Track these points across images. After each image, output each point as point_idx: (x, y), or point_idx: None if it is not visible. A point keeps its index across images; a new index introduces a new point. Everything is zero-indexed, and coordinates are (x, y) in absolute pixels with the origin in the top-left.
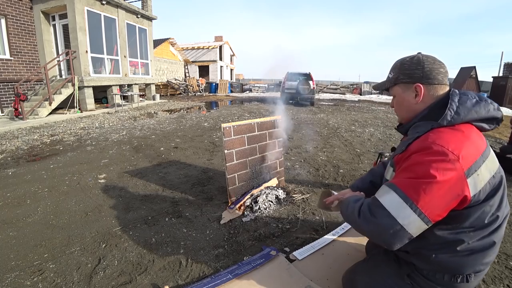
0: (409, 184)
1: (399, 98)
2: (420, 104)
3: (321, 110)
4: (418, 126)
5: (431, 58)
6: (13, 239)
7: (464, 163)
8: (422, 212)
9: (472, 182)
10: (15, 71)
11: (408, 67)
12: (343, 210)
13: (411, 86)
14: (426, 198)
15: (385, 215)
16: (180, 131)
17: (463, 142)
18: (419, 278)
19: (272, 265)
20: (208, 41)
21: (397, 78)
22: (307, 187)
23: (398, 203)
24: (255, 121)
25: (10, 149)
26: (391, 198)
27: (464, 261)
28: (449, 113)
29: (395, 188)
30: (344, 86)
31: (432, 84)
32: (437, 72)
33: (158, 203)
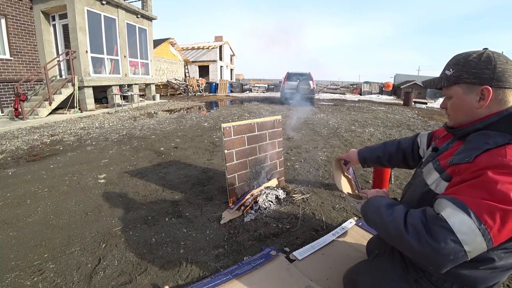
0: (484, 208)
1: (457, 100)
2: (484, 109)
3: (321, 110)
4: (487, 136)
5: (503, 57)
6: (13, 239)
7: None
8: (491, 240)
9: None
10: (15, 71)
11: (475, 65)
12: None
13: (477, 88)
14: (501, 227)
15: (450, 239)
16: (180, 131)
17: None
18: (426, 284)
19: (272, 265)
20: (208, 41)
21: (459, 77)
22: (307, 187)
23: (470, 229)
24: (255, 121)
25: (10, 149)
26: (462, 220)
27: (481, 277)
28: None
29: (466, 209)
30: (344, 86)
31: (502, 88)
32: (509, 74)
33: (158, 203)
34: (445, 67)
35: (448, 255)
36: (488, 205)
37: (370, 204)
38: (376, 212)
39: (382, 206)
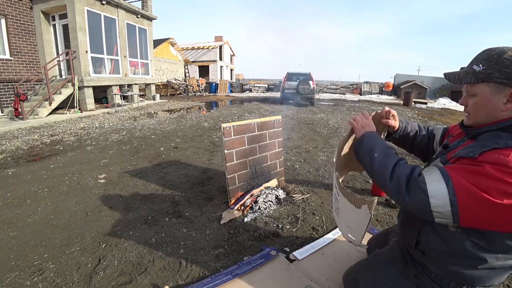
0: (465, 188)
1: (483, 100)
2: (508, 112)
3: (321, 110)
4: (499, 137)
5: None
6: (13, 239)
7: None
8: (458, 214)
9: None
10: (15, 71)
11: (510, 64)
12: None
13: (507, 90)
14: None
15: (421, 198)
16: (180, 131)
17: None
18: (426, 280)
19: (272, 265)
20: (208, 41)
21: (490, 75)
22: (307, 187)
23: (443, 197)
24: (255, 121)
25: (10, 149)
26: (439, 189)
27: (478, 277)
28: None
29: (448, 180)
30: (344, 86)
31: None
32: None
33: (158, 203)
34: (473, 61)
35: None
36: (469, 187)
37: (364, 145)
38: (368, 154)
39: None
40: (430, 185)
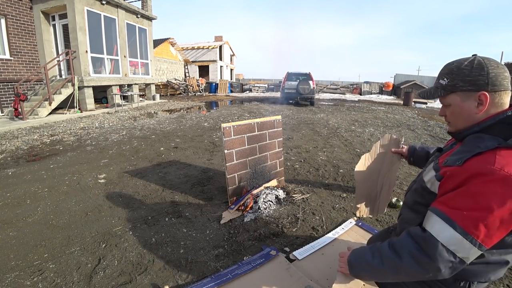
0: (469, 220)
1: (456, 108)
2: (483, 113)
3: (321, 110)
4: (481, 138)
5: (494, 62)
6: (13, 239)
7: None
8: (482, 245)
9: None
10: (15, 71)
11: (469, 73)
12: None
13: (474, 95)
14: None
15: (444, 252)
16: (180, 131)
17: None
18: None
19: (272, 265)
20: (208, 41)
21: (455, 86)
22: (307, 187)
23: (458, 240)
24: (255, 121)
25: (10, 149)
26: (450, 235)
27: (474, 272)
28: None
29: (453, 224)
30: (344, 86)
31: (497, 91)
32: (502, 78)
33: (158, 203)
34: (439, 77)
35: (447, 266)
36: (471, 215)
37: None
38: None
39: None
40: (439, 236)
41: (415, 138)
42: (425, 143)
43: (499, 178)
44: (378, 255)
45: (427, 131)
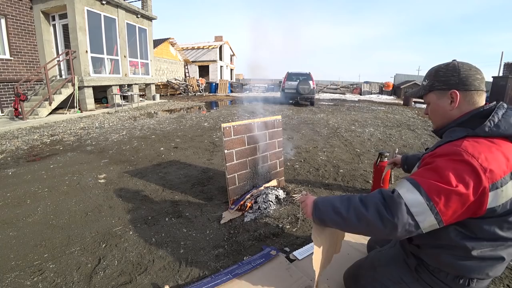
0: (433, 187)
1: (434, 105)
2: (456, 110)
3: (321, 110)
4: (454, 131)
5: (467, 65)
6: (13, 239)
7: (491, 177)
8: (439, 215)
9: (493, 196)
10: (15, 71)
11: (443, 74)
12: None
13: (447, 93)
14: (446, 204)
15: (405, 212)
16: (180, 131)
17: (496, 155)
18: (425, 273)
19: (272, 264)
20: (208, 41)
21: (432, 85)
22: (307, 187)
23: (420, 203)
24: (255, 121)
25: (10, 149)
26: (415, 197)
27: (470, 267)
28: (489, 124)
29: (419, 188)
30: (344, 86)
31: (468, 90)
32: (473, 79)
33: (158, 203)
34: (423, 79)
35: (404, 227)
36: (436, 185)
37: (321, 208)
38: (333, 213)
39: (335, 205)
40: (405, 196)
41: (415, 138)
42: (425, 143)
43: (465, 160)
44: (346, 203)
45: (427, 131)
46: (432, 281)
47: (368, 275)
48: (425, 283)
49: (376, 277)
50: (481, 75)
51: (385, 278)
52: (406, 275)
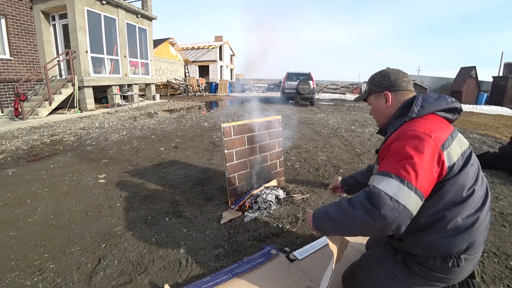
0: (398, 166)
1: (373, 106)
2: (390, 108)
3: (321, 110)
4: (394, 124)
5: (396, 71)
6: (13, 239)
7: (437, 140)
8: (417, 188)
9: (446, 155)
10: (15, 71)
11: (378, 79)
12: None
13: (381, 94)
14: (416, 174)
15: (387, 200)
16: (180, 131)
17: (432, 125)
18: (414, 265)
19: (272, 264)
20: (208, 41)
21: (370, 89)
22: (307, 187)
23: (396, 185)
24: (255, 121)
25: (10, 149)
26: (389, 183)
27: (451, 241)
28: (416, 107)
29: (388, 174)
30: (344, 86)
31: (397, 91)
32: (401, 81)
33: (158, 203)
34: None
35: (392, 214)
36: (399, 164)
37: (317, 217)
38: (326, 218)
39: (328, 210)
40: (380, 185)
41: None
42: None
43: (411, 135)
44: (336, 206)
45: None
46: (423, 272)
47: (363, 274)
48: (417, 275)
49: (371, 275)
50: (408, 78)
51: (379, 276)
52: (398, 270)
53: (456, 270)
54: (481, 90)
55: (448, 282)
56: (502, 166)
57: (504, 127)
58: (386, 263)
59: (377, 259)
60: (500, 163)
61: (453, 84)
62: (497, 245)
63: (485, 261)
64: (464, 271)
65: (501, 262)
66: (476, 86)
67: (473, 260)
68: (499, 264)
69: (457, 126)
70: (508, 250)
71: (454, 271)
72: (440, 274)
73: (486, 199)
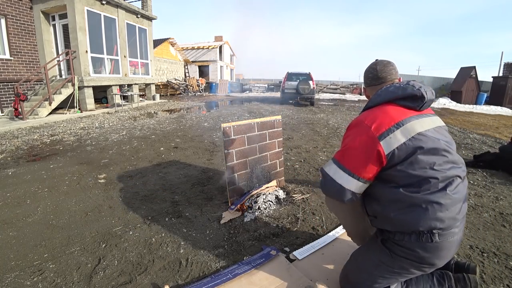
0: (339, 153)
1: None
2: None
3: (321, 110)
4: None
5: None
6: (13, 239)
7: (376, 130)
8: (351, 172)
9: (385, 144)
10: (15, 71)
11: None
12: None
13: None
14: (349, 160)
15: (329, 180)
16: (180, 131)
17: (377, 115)
18: (394, 246)
19: (272, 264)
20: (208, 41)
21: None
22: (307, 187)
23: (335, 169)
24: (255, 121)
25: (10, 149)
26: (329, 166)
27: (417, 217)
28: (374, 96)
29: (333, 159)
30: (344, 86)
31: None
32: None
33: (158, 203)
34: None
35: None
36: (340, 151)
37: None
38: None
39: None
40: (325, 168)
41: None
42: None
43: (354, 123)
44: None
45: None
46: (404, 253)
47: (353, 268)
48: (397, 256)
49: (360, 266)
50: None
51: (367, 265)
52: (383, 255)
53: (432, 246)
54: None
55: (430, 261)
56: (502, 166)
57: (504, 127)
58: (371, 251)
59: (363, 250)
60: (500, 163)
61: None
62: (497, 245)
63: (485, 261)
64: (443, 248)
65: (501, 262)
66: (476, 86)
67: (449, 237)
68: (499, 264)
69: (457, 126)
70: (508, 250)
71: (430, 247)
72: (418, 252)
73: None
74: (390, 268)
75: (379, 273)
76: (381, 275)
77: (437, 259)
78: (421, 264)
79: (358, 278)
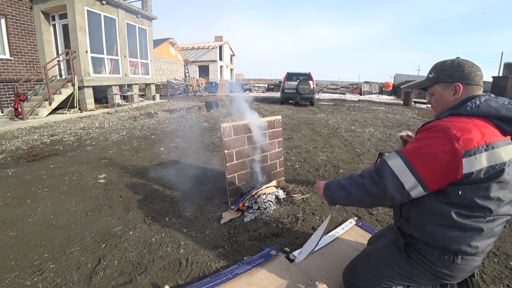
0: (412, 152)
1: (438, 96)
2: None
3: (321, 110)
4: (443, 114)
5: (470, 63)
6: (13, 239)
7: (464, 145)
8: (419, 176)
9: (467, 162)
10: (15, 71)
11: (449, 68)
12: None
13: (451, 85)
14: (424, 167)
15: (390, 173)
16: (180, 131)
17: (470, 129)
18: (413, 253)
19: (272, 264)
20: (208, 41)
21: (438, 78)
22: (307, 187)
23: (401, 167)
24: (255, 121)
25: (10, 149)
26: (396, 161)
27: (453, 237)
28: (470, 104)
29: (401, 154)
30: (344, 86)
31: (470, 85)
32: (475, 75)
33: (158, 203)
34: (428, 72)
35: (392, 185)
36: (415, 150)
37: (330, 187)
38: (339, 187)
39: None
40: (389, 161)
41: None
42: None
43: (439, 127)
44: (348, 178)
45: None
46: (420, 261)
47: (363, 264)
48: (415, 263)
49: (371, 263)
50: (481, 72)
51: (379, 263)
52: (398, 258)
53: (452, 266)
54: None
55: (444, 277)
56: None
57: None
58: (388, 250)
59: (379, 247)
60: None
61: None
62: (497, 245)
63: (485, 261)
64: (461, 270)
65: (501, 262)
66: None
67: (470, 262)
68: (499, 264)
69: None
70: (508, 250)
71: (449, 266)
72: (436, 266)
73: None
74: (403, 272)
75: (389, 274)
76: (391, 276)
77: (450, 277)
78: (434, 275)
79: (366, 273)
